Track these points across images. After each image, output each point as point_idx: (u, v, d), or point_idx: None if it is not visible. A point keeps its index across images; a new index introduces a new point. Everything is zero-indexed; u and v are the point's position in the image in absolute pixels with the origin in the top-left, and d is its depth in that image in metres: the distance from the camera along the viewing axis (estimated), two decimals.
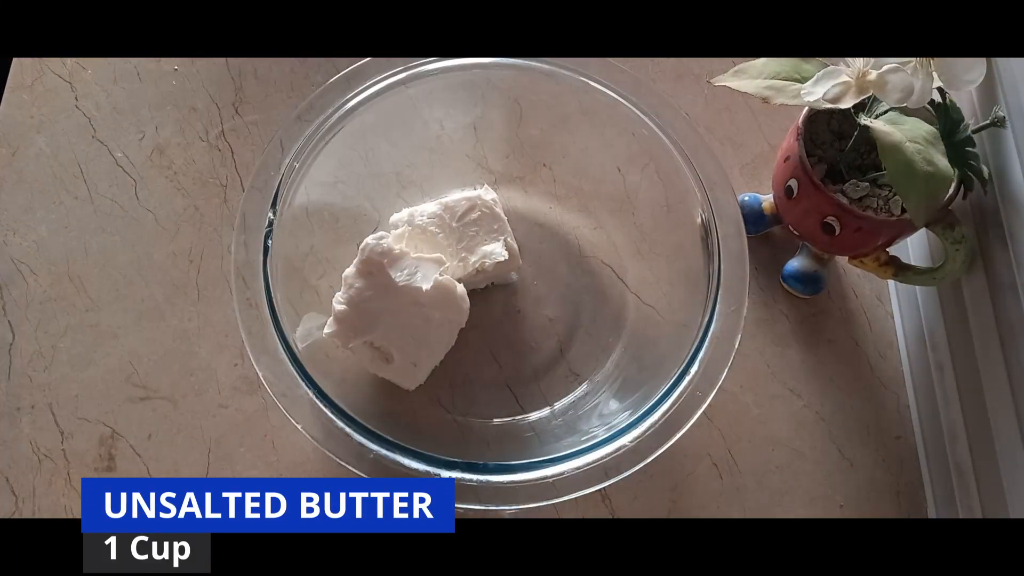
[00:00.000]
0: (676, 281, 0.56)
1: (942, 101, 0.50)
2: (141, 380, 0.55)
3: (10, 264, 0.57)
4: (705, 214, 0.51)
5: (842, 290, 0.62)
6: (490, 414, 0.54)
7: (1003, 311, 0.48)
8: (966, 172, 0.49)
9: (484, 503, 0.43)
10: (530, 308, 0.58)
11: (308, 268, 0.54)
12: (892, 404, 0.58)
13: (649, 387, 0.49)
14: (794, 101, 0.50)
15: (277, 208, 0.49)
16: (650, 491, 0.55)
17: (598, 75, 0.54)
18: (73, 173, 0.61)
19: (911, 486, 0.56)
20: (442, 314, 0.51)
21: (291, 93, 0.65)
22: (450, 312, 0.52)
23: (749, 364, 0.58)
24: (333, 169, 0.54)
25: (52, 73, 0.65)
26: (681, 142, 0.52)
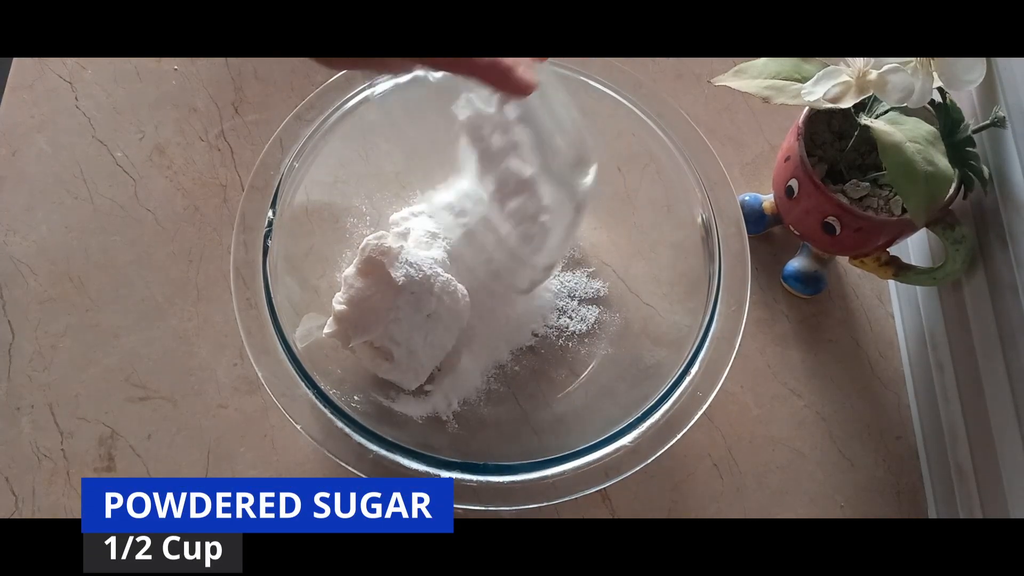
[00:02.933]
0: (676, 281, 0.56)
1: (942, 101, 0.50)
2: (141, 380, 0.55)
3: (10, 264, 0.57)
4: (705, 214, 0.51)
5: (843, 290, 0.62)
6: (490, 415, 0.54)
7: (1003, 311, 0.48)
8: (966, 172, 0.49)
9: (484, 503, 0.43)
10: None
11: (308, 268, 0.54)
12: (892, 404, 0.58)
13: (649, 387, 0.49)
14: (794, 101, 0.50)
15: (277, 208, 0.49)
16: (650, 491, 0.55)
17: (598, 75, 0.53)
18: (73, 173, 0.61)
19: (911, 486, 0.56)
20: (442, 314, 0.51)
21: (291, 93, 0.65)
22: (451, 312, 0.52)
23: (750, 364, 0.58)
24: (333, 169, 0.54)
25: (52, 73, 0.65)
26: (681, 142, 0.52)
